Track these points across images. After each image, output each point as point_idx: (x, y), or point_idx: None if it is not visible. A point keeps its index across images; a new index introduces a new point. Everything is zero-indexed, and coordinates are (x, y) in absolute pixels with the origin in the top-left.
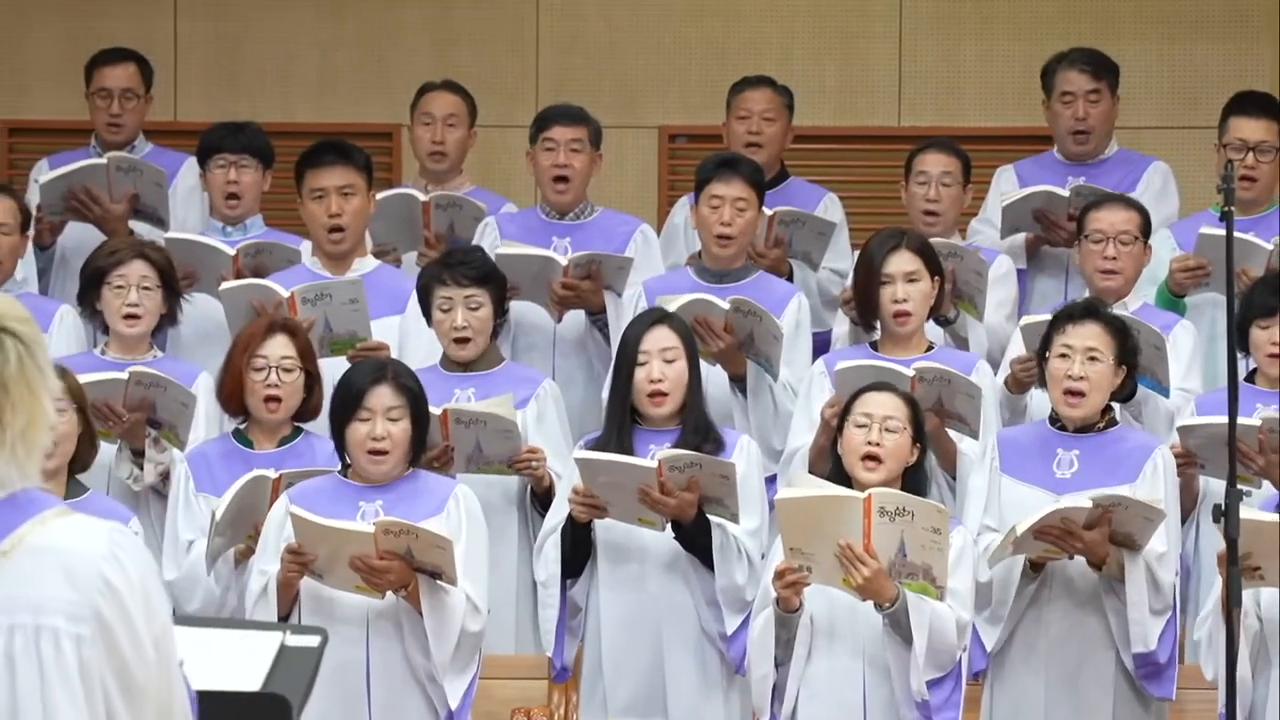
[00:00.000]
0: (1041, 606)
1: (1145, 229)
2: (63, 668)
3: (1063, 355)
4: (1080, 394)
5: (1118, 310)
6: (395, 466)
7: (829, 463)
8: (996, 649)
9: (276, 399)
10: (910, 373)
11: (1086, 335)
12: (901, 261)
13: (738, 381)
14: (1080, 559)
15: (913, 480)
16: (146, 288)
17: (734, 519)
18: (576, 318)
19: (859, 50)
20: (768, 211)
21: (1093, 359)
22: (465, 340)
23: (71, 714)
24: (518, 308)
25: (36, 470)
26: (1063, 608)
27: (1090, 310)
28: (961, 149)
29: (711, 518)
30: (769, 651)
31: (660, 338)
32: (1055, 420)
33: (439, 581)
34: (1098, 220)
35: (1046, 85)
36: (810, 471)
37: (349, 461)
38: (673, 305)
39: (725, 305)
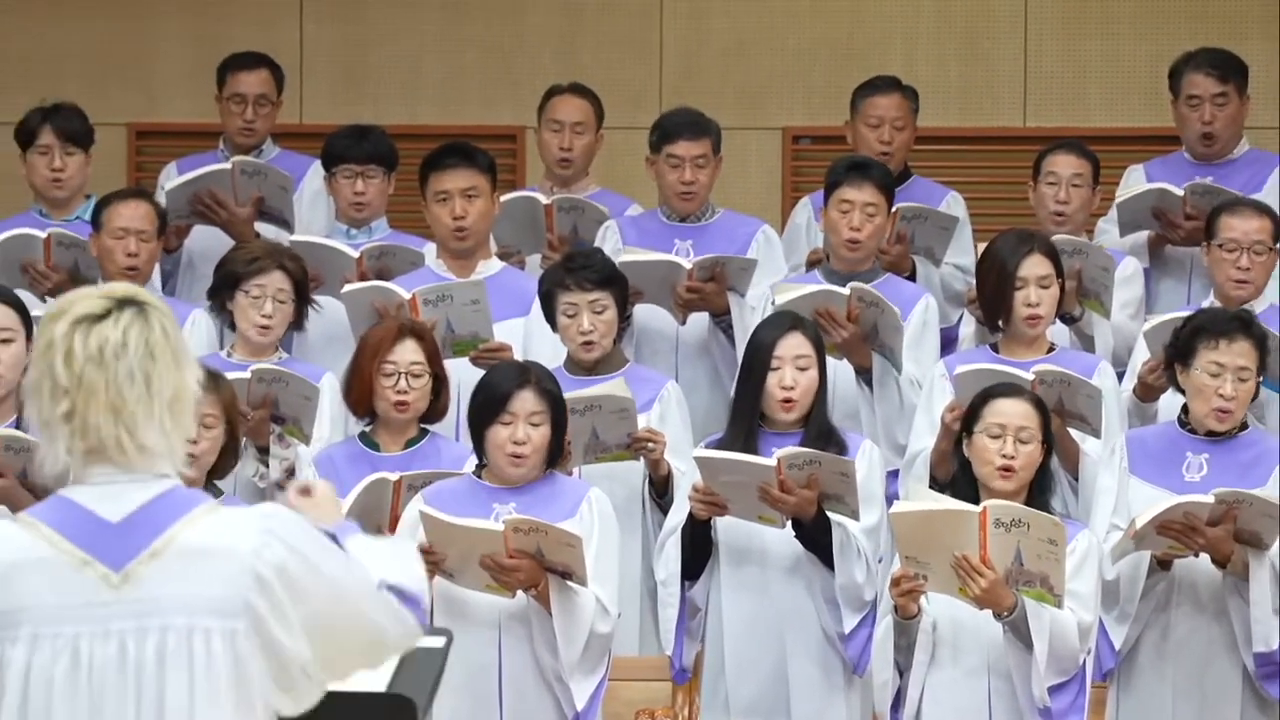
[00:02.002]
0: (1168, 610)
1: (1277, 235)
2: (211, 668)
3: (1214, 374)
4: (1230, 413)
5: None
6: (533, 470)
7: (952, 466)
8: (1126, 648)
9: (406, 403)
10: (1030, 376)
11: (1239, 354)
12: (1035, 265)
13: (863, 374)
14: (1206, 559)
15: (1039, 482)
16: (281, 301)
17: (854, 516)
18: (699, 321)
19: (984, 50)
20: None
21: (1243, 379)
22: (592, 344)
23: (214, 712)
24: (640, 312)
25: (183, 449)
26: (1188, 612)
27: (1243, 326)
28: (1092, 151)
29: (831, 515)
30: (890, 658)
31: (794, 344)
32: (1184, 423)
33: (569, 582)
34: (1231, 228)
35: (1174, 87)
36: (932, 475)
37: (484, 462)
38: (793, 295)
39: (846, 294)
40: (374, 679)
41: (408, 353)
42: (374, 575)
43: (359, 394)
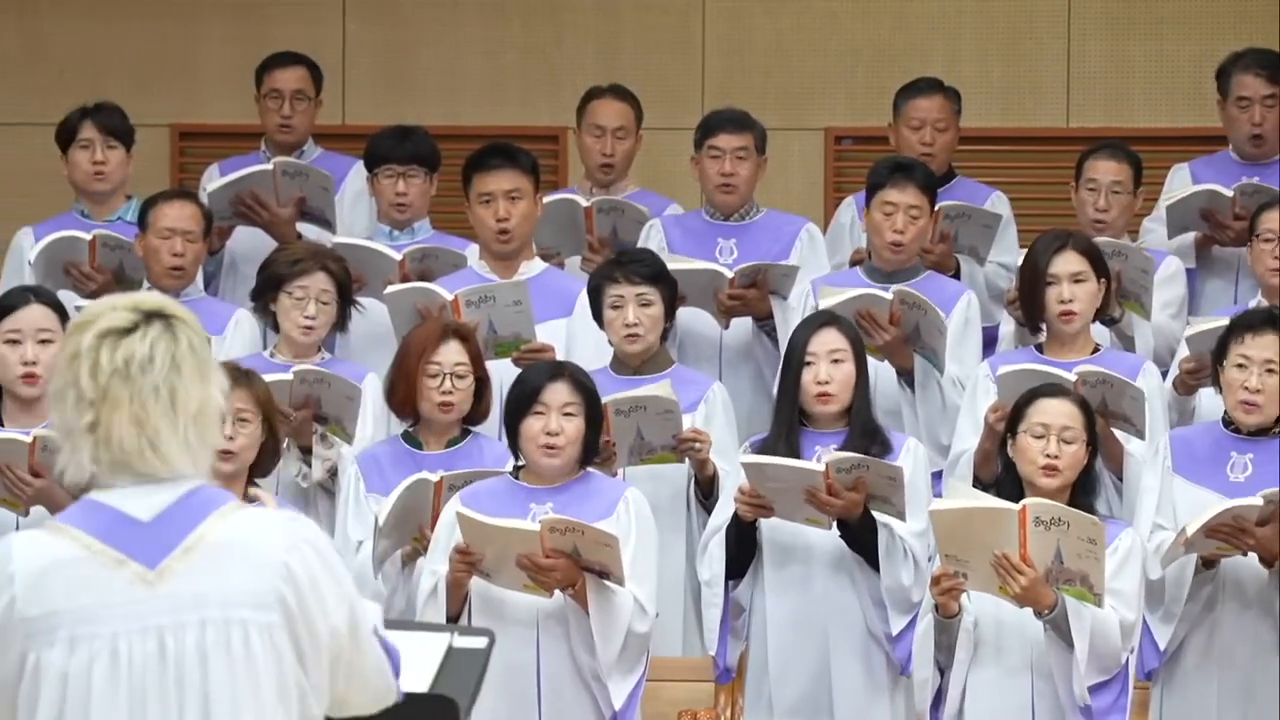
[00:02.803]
0: (1214, 610)
1: None
2: (251, 659)
3: (1240, 365)
4: (1256, 405)
5: None
6: (568, 464)
7: (996, 467)
8: (1171, 648)
9: (450, 404)
10: (1072, 377)
11: (1265, 346)
12: (1067, 262)
13: (905, 376)
14: (1254, 558)
15: (1084, 483)
16: (325, 302)
17: (900, 517)
18: (743, 325)
19: (1027, 51)
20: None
21: (1270, 371)
22: (636, 336)
23: (256, 705)
24: (684, 316)
25: (208, 463)
26: (1234, 611)
27: (1270, 320)
28: (1133, 152)
29: (878, 516)
30: (930, 656)
31: (828, 339)
32: (1229, 423)
33: (606, 581)
34: (1269, 220)
35: (1222, 87)
36: (976, 475)
37: (521, 462)
38: (836, 299)
39: (889, 296)
40: (416, 680)
41: (452, 354)
42: (371, 619)
43: (403, 395)
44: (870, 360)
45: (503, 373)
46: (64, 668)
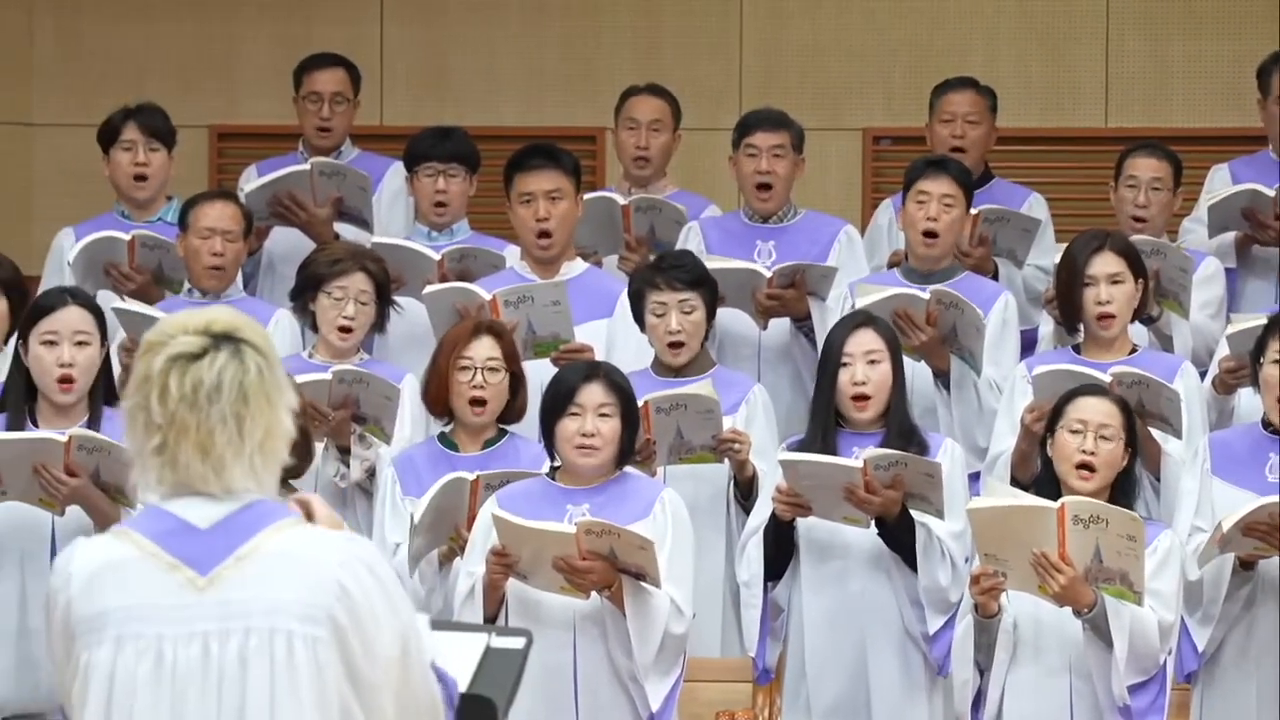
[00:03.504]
0: (1252, 610)
1: None
2: (293, 670)
3: (1277, 360)
4: None
5: None
6: (604, 465)
7: (1033, 468)
8: (1209, 650)
9: (482, 401)
10: (1107, 378)
11: None
12: (1105, 263)
13: (941, 377)
14: None
15: (1122, 484)
16: (363, 303)
17: (939, 515)
18: (781, 325)
19: (1065, 50)
20: (972, 211)
21: None
22: (679, 345)
23: (294, 715)
24: (722, 316)
25: (274, 483)
26: (1272, 611)
27: None
28: (1173, 152)
29: (916, 515)
30: (970, 657)
31: (864, 340)
32: (1268, 424)
33: (643, 583)
34: None
35: (1263, 85)
36: (1013, 476)
37: (557, 463)
38: (873, 298)
39: (926, 297)
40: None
41: (484, 349)
42: (429, 653)
43: (436, 391)
44: (906, 361)
45: (542, 373)
46: (111, 666)
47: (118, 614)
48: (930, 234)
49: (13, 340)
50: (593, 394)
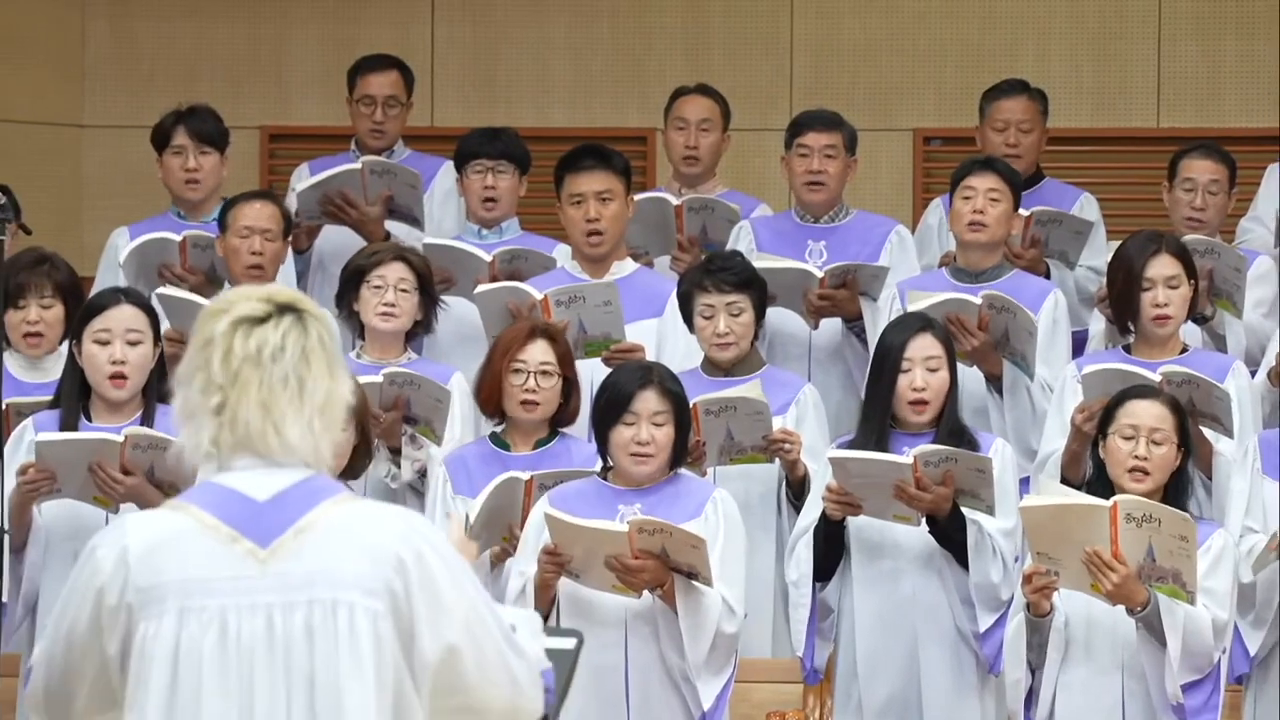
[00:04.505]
0: None
1: None
2: (356, 641)
3: None
4: None
5: None
6: (658, 470)
7: (1083, 468)
8: (1261, 654)
9: (534, 403)
10: (1157, 377)
11: None
12: (1163, 266)
13: (994, 381)
14: None
15: (1175, 485)
16: (404, 290)
17: (990, 512)
18: (832, 325)
19: (1117, 51)
20: (1024, 213)
21: None
22: (728, 345)
23: (360, 686)
24: (772, 316)
25: (329, 454)
26: None
27: None
28: (1228, 153)
29: (967, 512)
30: (1022, 656)
31: (924, 346)
32: None
33: (694, 582)
34: None
35: None
36: (1064, 476)
37: (609, 464)
38: (925, 303)
39: (978, 302)
40: None
41: (538, 353)
42: (505, 625)
43: (489, 393)
44: (958, 368)
45: (593, 372)
46: (175, 638)
47: (179, 586)
48: (976, 224)
49: (67, 341)
50: (647, 401)
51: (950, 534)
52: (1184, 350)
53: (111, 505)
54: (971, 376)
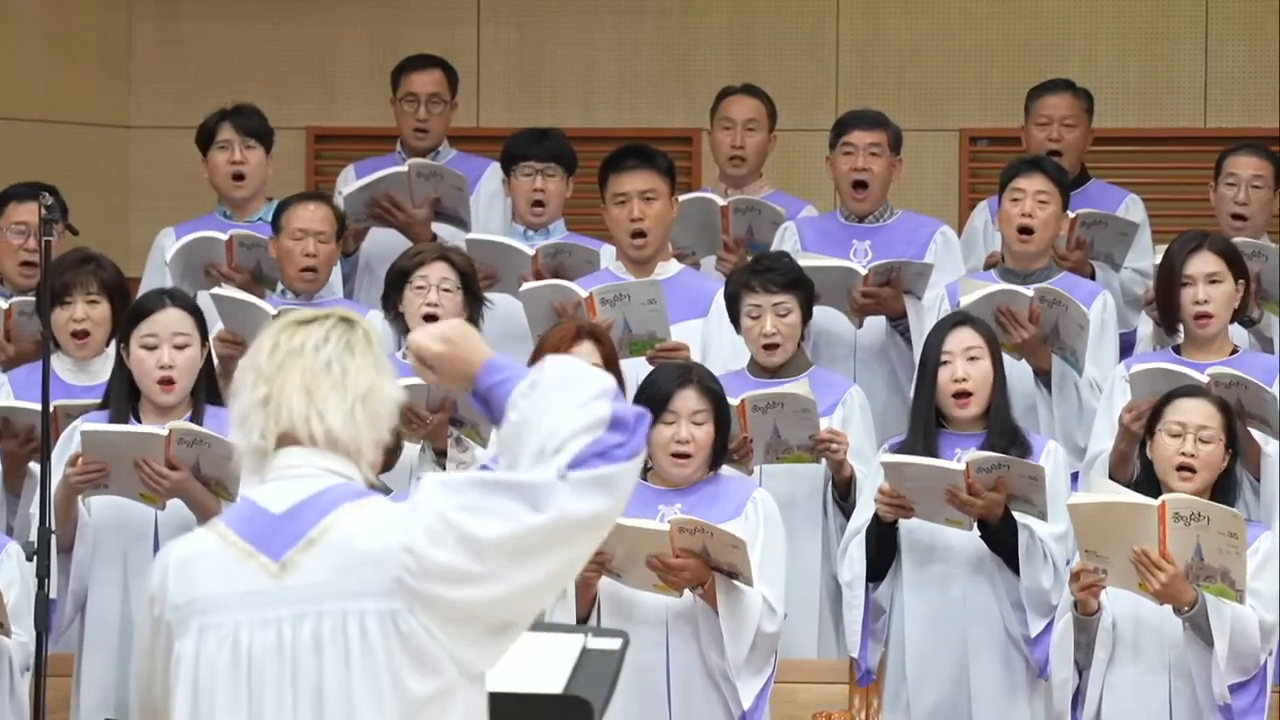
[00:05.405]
0: None
1: None
2: (368, 651)
3: None
4: None
5: None
6: (698, 470)
7: (1132, 469)
8: None
9: None
10: (1204, 378)
11: None
12: (1203, 263)
13: (1042, 376)
14: None
15: (1223, 485)
16: (447, 289)
17: (1042, 517)
18: (877, 326)
19: (1164, 50)
20: (1069, 215)
21: None
22: (774, 346)
23: (372, 699)
24: (817, 316)
25: (372, 450)
26: None
27: None
28: (1274, 151)
29: (1018, 517)
30: (1069, 656)
31: (963, 338)
32: None
33: (735, 581)
34: None
35: None
36: (1111, 476)
37: (649, 464)
38: (977, 294)
39: (1030, 294)
40: (550, 680)
41: (584, 354)
42: (550, 467)
43: None
44: (1006, 360)
45: (637, 371)
46: (194, 655)
47: (201, 604)
48: (1025, 230)
49: (114, 343)
50: (686, 400)
51: (1002, 538)
52: (1233, 352)
53: (158, 502)
54: (1021, 378)
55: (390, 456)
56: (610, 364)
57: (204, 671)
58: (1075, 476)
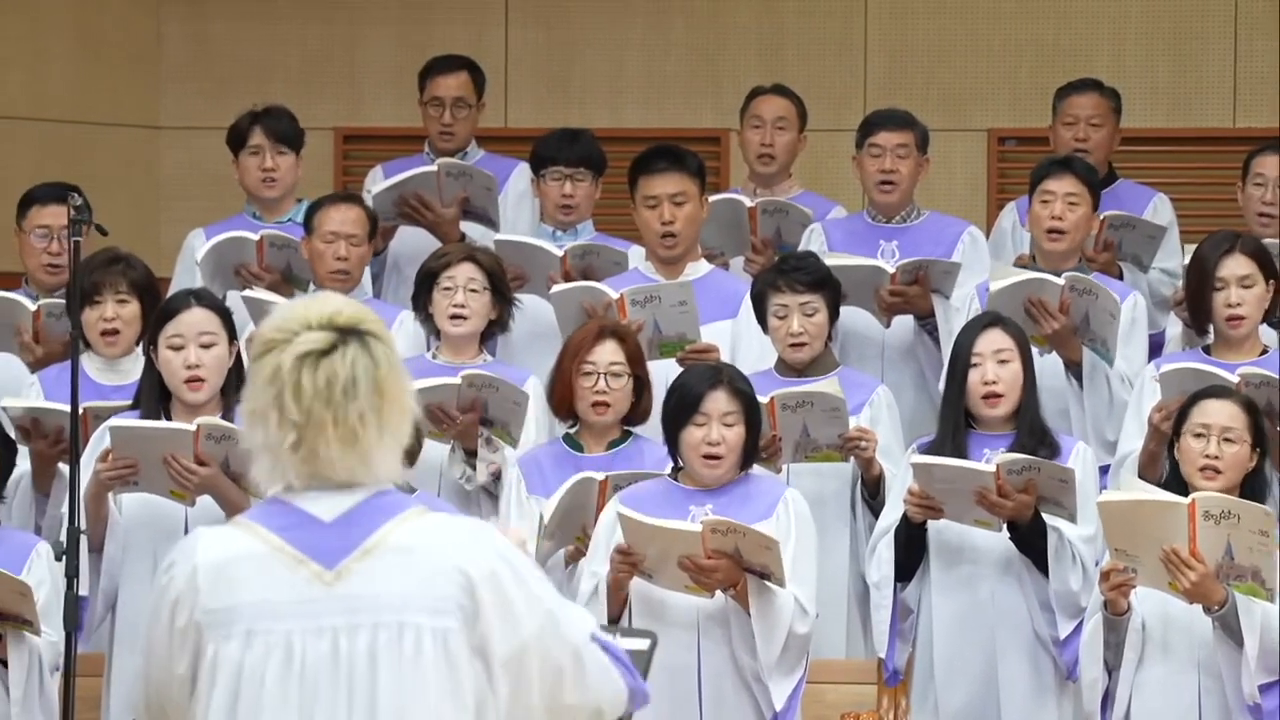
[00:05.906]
0: None
1: None
2: (421, 664)
3: None
4: None
5: None
6: (729, 471)
7: (1161, 468)
8: None
9: (605, 404)
10: (1234, 378)
11: None
12: (1236, 265)
13: (1073, 368)
14: None
15: (1251, 485)
16: (474, 290)
17: (1072, 519)
18: (904, 325)
19: (1193, 50)
20: (1099, 216)
21: None
22: (801, 345)
23: (424, 711)
24: (845, 315)
25: (397, 461)
26: None
27: None
28: None
29: (1048, 518)
30: (1099, 656)
31: (994, 339)
32: None
33: (767, 582)
34: None
35: None
36: (1141, 477)
37: (680, 464)
38: (1007, 281)
39: (1060, 282)
40: None
41: (607, 353)
42: (585, 625)
43: (560, 395)
44: (1035, 359)
45: (668, 373)
46: (239, 661)
47: (247, 609)
48: (1055, 231)
49: (143, 343)
50: (717, 402)
51: (1031, 540)
52: (1263, 352)
53: (188, 498)
54: (1050, 377)
55: (410, 456)
56: (635, 362)
57: (249, 676)
58: (1105, 470)
